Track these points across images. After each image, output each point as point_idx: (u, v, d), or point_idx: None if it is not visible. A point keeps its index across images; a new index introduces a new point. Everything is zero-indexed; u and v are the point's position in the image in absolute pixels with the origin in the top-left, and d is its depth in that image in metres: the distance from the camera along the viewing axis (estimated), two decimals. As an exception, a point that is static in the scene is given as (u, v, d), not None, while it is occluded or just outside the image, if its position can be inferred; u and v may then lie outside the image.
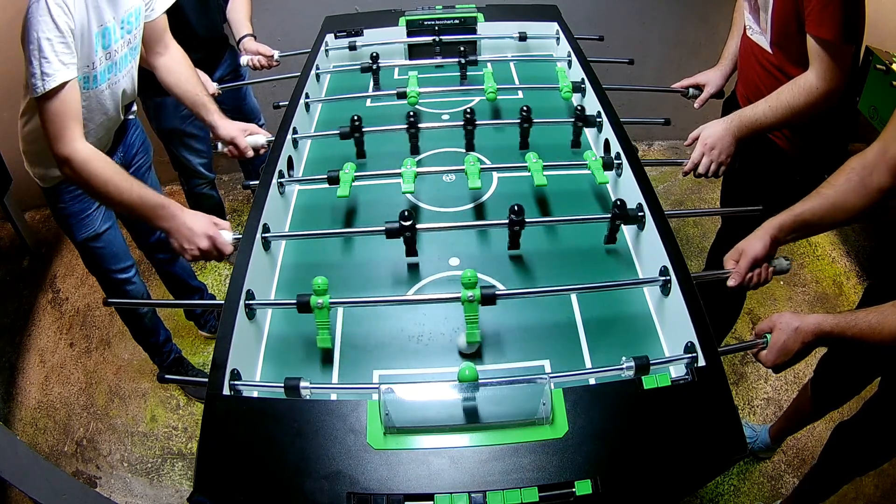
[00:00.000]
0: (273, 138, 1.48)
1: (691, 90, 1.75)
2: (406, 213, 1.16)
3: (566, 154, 1.53)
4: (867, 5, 1.27)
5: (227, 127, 1.57)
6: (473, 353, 1.07)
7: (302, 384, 0.94)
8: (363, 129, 1.48)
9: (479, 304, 1.02)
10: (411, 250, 1.21)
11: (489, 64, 1.83)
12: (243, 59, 1.97)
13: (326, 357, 1.08)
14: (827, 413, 1.74)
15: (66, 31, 1.22)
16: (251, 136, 1.57)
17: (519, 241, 1.22)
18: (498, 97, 1.64)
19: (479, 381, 0.91)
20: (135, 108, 1.65)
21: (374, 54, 1.79)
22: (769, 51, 1.42)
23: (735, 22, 1.69)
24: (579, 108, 1.49)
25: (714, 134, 1.40)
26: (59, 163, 1.26)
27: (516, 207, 1.16)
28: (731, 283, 1.12)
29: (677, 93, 1.78)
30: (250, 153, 1.57)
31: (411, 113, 1.49)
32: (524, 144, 1.52)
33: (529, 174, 1.35)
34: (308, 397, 0.94)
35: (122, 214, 1.72)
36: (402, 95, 1.60)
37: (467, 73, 1.81)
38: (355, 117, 1.46)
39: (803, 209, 1.12)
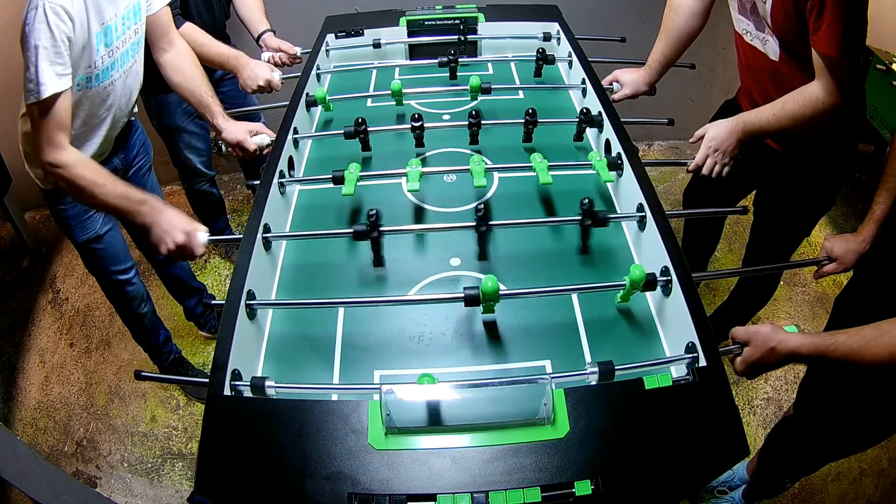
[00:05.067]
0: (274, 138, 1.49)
1: (615, 85, 1.75)
2: (372, 216, 1.16)
3: (568, 154, 1.53)
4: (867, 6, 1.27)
5: (232, 130, 1.58)
6: (475, 353, 1.07)
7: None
8: (368, 129, 1.48)
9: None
10: (377, 259, 1.22)
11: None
12: (264, 56, 1.94)
13: (327, 357, 1.08)
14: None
15: (63, 39, 1.23)
16: (256, 137, 1.59)
17: (486, 245, 1.23)
18: (497, 97, 1.64)
19: (481, 381, 0.91)
20: (136, 109, 1.64)
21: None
22: (769, 54, 1.41)
23: (666, 25, 1.66)
24: (585, 110, 1.49)
25: (719, 136, 1.40)
26: (46, 167, 1.30)
27: (481, 207, 1.17)
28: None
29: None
30: (257, 153, 1.59)
31: (416, 115, 1.49)
32: (528, 141, 1.52)
33: (530, 174, 1.35)
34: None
35: None
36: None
37: (457, 74, 1.80)
38: (360, 119, 1.46)
39: (882, 213, 1.25)
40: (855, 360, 0.93)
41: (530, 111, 1.46)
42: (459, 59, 1.77)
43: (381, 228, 1.19)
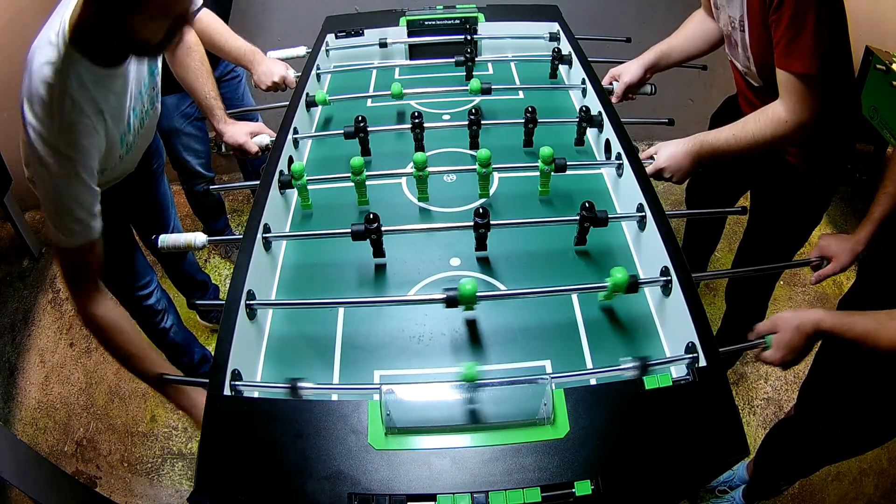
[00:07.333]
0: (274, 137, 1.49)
1: (614, 83, 1.73)
2: (371, 216, 1.16)
3: (569, 155, 1.52)
4: (865, 7, 1.27)
5: (234, 133, 1.58)
6: (475, 353, 1.07)
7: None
8: (368, 129, 1.48)
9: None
10: (378, 251, 1.22)
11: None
12: (272, 54, 1.84)
13: (327, 357, 1.08)
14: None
15: (96, 187, 1.10)
16: (257, 137, 1.59)
17: (486, 243, 1.22)
18: (497, 97, 1.63)
19: (481, 381, 0.91)
20: None
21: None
22: (753, 81, 1.40)
23: (686, 25, 1.66)
24: (584, 108, 1.49)
25: (669, 157, 1.37)
26: (80, 318, 1.18)
27: (481, 210, 1.16)
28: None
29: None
30: (259, 153, 1.59)
31: (416, 113, 1.49)
32: (528, 143, 1.52)
33: (530, 175, 1.35)
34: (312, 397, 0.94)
35: (129, 213, 1.70)
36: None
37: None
38: (359, 117, 1.46)
39: (880, 214, 1.28)
40: (868, 341, 0.96)
41: (530, 109, 1.46)
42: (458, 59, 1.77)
43: (381, 228, 1.19)
